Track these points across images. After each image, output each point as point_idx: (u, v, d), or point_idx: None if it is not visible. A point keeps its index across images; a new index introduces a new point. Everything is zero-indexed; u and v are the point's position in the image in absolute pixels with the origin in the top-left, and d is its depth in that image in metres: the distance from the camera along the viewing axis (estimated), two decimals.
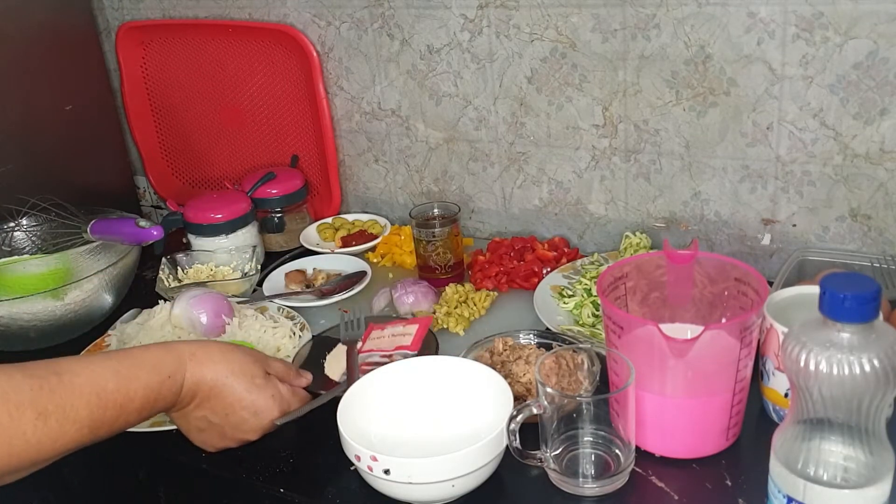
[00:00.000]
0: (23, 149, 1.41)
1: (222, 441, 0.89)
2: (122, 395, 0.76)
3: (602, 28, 1.17)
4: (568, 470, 0.83)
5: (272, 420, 0.88)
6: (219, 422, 0.87)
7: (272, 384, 0.89)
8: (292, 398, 0.91)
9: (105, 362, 0.78)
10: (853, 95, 1.05)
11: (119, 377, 0.77)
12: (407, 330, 1.05)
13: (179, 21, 1.53)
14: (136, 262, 1.27)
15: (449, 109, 1.35)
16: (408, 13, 1.31)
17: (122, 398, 0.76)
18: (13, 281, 1.17)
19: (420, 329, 1.04)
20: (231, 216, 1.33)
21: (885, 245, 1.11)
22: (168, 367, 0.81)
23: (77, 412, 0.72)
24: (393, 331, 1.06)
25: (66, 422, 0.72)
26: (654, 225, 1.26)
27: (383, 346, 1.03)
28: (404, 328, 1.05)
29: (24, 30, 1.40)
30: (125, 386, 0.77)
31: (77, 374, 0.74)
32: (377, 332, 1.06)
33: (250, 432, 0.88)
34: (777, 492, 0.68)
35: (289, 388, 0.91)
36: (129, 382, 0.77)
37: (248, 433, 0.88)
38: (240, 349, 0.89)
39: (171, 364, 0.82)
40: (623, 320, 0.83)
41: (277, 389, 0.89)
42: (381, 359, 1.01)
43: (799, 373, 0.63)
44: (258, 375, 0.88)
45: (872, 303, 0.60)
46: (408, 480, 0.78)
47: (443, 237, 1.22)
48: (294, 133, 1.51)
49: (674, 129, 1.18)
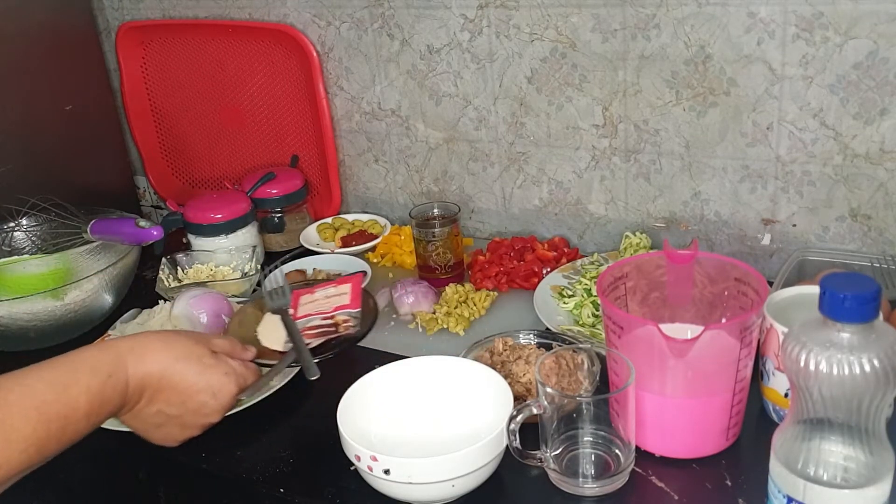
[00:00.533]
0: (23, 149, 1.41)
1: (184, 431, 0.85)
2: (63, 406, 0.71)
3: (602, 28, 1.17)
4: (568, 470, 0.83)
5: (232, 397, 0.85)
6: (177, 412, 0.83)
7: (222, 361, 0.86)
8: (246, 372, 0.88)
9: (38, 373, 0.73)
10: (853, 95, 1.05)
11: (56, 387, 0.72)
12: (340, 290, 1.03)
13: (179, 21, 1.53)
14: (136, 262, 1.27)
15: (449, 109, 1.35)
16: (408, 13, 1.31)
17: (64, 408, 0.71)
18: (13, 281, 1.17)
19: (354, 286, 1.03)
20: (231, 216, 1.33)
21: (885, 245, 1.11)
22: (107, 367, 0.77)
23: (18, 432, 0.67)
24: (325, 293, 1.04)
25: (8, 445, 0.67)
26: (654, 225, 1.26)
27: (321, 308, 1.01)
28: (336, 288, 1.04)
29: (24, 30, 1.40)
30: (65, 395, 0.72)
31: (10, 390, 0.69)
32: (307, 297, 1.04)
33: (212, 414, 0.85)
34: (777, 492, 0.68)
35: (240, 363, 0.88)
36: (69, 390, 0.72)
37: (210, 416, 0.85)
38: (178, 333, 0.86)
39: (110, 362, 0.77)
40: (623, 320, 0.83)
41: (229, 365, 0.86)
42: (323, 321, 0.99)
43: (799, 373, 0.63)
44: (205, 355, 0.84)
45: (872, 303, 0.60)
46: (408, 480, 0.78)
47: (443, 237, 1.22)
48: (294, 133, 1.51)
49: (674, 129, 1.18)
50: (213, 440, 0.95)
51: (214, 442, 0.95)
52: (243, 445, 0.95)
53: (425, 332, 1.13)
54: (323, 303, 1.02)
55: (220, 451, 0.94)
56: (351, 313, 1.00)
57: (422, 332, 1.14)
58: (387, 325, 1.16)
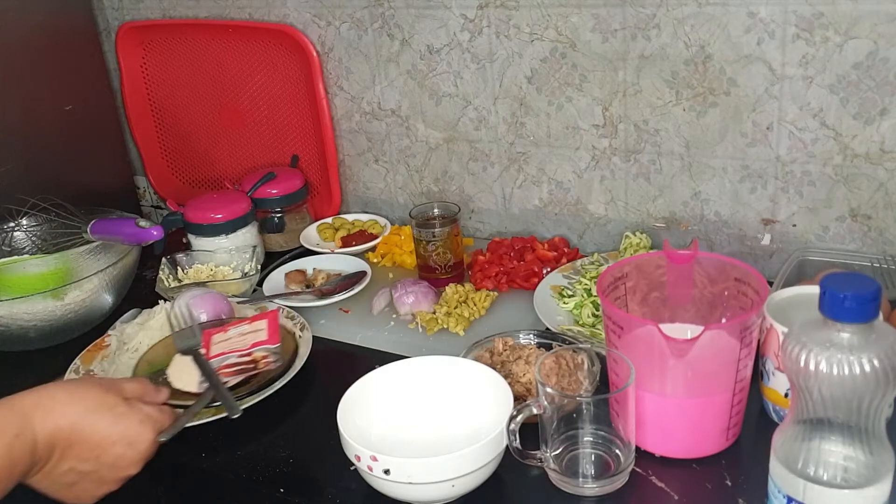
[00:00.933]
0: (23, 149, 1.41)
1: (101, 487, 0.78)
2: None
3: (602, 28, 1.17)
4: (568, 470, 0.83)
5: (150, 444, 0.79)
6: (91, 468, 0.76)
7: (136, 408, 0.79)
8: (161, 416, 0.82)
9: None
10: (853, 95, 1.05)
11: None
12: (255, 326, 1.03)
13: (179, 21, 1.53)
14: (136, 262, 1.27)
15: (449, 109, 1.35)
16: (408, 13, 1.31)
17: None
18: (13, 281, 1.17)
19: (270, 322, 1.03)
20: (231, 216, 1.33)
21: (885, 245, 1.11)
22: (13, 427, 0.70)
23: None
24: (238, 331, 1.03)
25: None
26: (654, 225, 1.26)
27: (236, 346, 1.00)
28: (251, 325, 1.03)
29: (24, 30, 1.40)
30: None
31: None
32: (219, 336, 1.03)
33: (130, 466, 0.78)
34: (777, 492, 0.68)
35: (154, 407, 0.82)
36: None
37: (128, 468, 0.78)
38: (86, 381, 0.80)
39: (15, 422, 0.71)
40: (623, 320, 0.83)
41: (144, 412, 0.80)
42: (240, 358, 0.98)
43: (799, 373, 0.63)
44: (118, 404, 0.78)
45: (872, 303, 0.60)
46: (408, 480, 0.78)
47: (443, 237, 1.22)
48: (294, 133, 1.51)
49: (674, 129, 1.18)
50: (213, 440, 0.95)
51: (214, 442, 0.95)
52: (243, 445, 0.95)
53: (425, 332, 1.13)
54: (237, 340, 1.01)
55: (220, 451, 0.94)
56: (270, 349, 0.99)
57: (422, 332, 1.14)
58: (387, 325, 1.17)
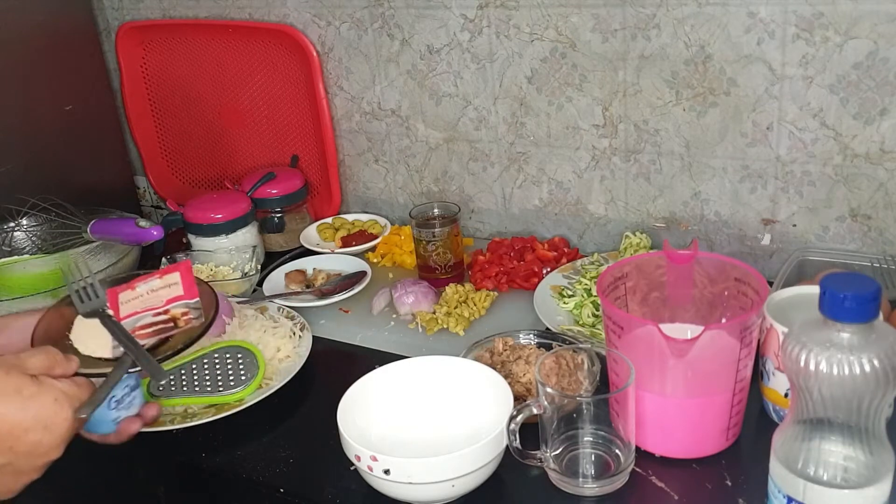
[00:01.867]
0: (23, 149, 1.41)
1: (19, 479, 0.70)
2: None
3: (602, 28, 1.17)
4: (568, 470, 0.83)
5: (69, 425, 0.70)
6: (4, 461, 0.68)
7: (47, 385, 0.70)
8: (78, 390, 0.73)
9: None
10: (853, 95, 1.05)
11: None
12: (168, 280, 0.93)
13: (179, 21, 1.53)
14: (136, 262, 1.27)
15: (449, 109, 1.35)
16: (408, 13, 1.31)
17: None
18: (13, 281, 1.17)
19: (184, 274, 0.93)
20: (231, 216, 1.33)
21: (885, 245, 1.11)
22: None
23: None
24: (148, 286, 0.92)
25: None
26: (654, 225, 1.26)
27: (150, 303, 0.90)
28: (162, 280, 0.93)
29: (24, 30, 1.40)
30: None
31: None
32: (127, 294, 0.92)
33: (51, 451, 0.70)
34: (777, 492, 0.68)
35: (68, 381, 0.73)
36: None
37: (48, 454, 0.70)
38: None
39: None
40: (623, 320, 0.83)
41: (56, 389, 0.71)
42: (156, 317, 0.89)
43: (799, 373, 0.63)
44: (24, 384, 0.69)
45: (872, 303, 0.60)
46: (408, 480, 0.78)
47: (443, 237, 1.22)
48: (294, 133, 1.51)
49: (674, 129, 1.18)
50: (213, 440, 0.95)
51: (214, 442, 0.95)
52: (243, 445, 0.95)
53: (425, 332, 1.13)
54: (150, 298, 0.91)
55: (220, 451, 0.94)
56: (189, 304, 0.89)
57: (422, 332, 1.14)
58: (387, 325, 1.17)
